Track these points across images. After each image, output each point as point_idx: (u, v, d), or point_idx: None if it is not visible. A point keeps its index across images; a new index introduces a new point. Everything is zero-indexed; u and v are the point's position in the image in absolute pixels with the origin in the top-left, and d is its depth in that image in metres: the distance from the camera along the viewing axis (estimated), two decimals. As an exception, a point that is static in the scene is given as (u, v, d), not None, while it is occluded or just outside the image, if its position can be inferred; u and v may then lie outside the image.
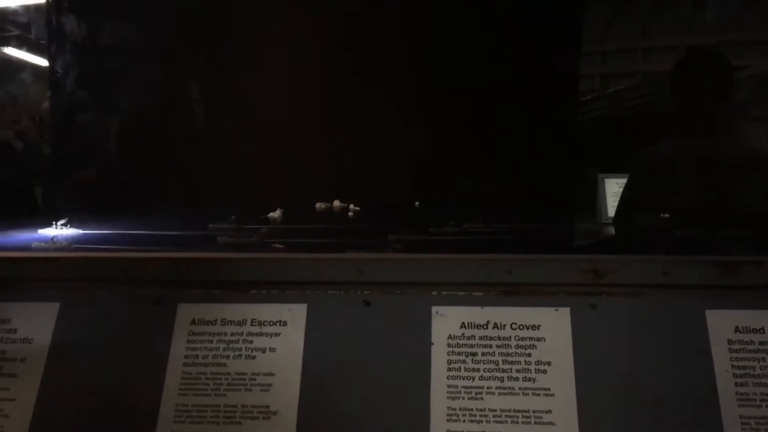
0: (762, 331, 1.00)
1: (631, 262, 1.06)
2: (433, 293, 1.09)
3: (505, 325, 1.06)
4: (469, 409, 1.01)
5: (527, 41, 2.41)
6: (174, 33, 2.59)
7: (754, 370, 0.98)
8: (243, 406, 1.05)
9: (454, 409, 1.02)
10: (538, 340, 1.04)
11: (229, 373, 1.08)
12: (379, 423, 1.02)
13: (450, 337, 1.06)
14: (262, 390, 1.06)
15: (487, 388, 1.02)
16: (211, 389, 1.07)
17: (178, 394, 1.07)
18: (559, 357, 1.03)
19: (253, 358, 1.08)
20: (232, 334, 1.10)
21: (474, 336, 1.06)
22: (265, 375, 1.07)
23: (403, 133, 2.45)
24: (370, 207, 2.33)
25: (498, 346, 1.04)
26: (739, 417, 0.96)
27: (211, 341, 1.10)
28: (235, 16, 2.54)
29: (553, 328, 1.05)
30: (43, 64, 2.94)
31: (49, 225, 1.82)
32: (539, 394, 1.01)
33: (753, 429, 0.95)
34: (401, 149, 2.47)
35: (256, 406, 1.05)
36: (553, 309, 1.05)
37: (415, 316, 1.07)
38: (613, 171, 2.68)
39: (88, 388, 1.09)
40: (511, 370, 1.03)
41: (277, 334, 1.09)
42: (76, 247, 1.56)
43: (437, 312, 1.07)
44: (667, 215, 1.99)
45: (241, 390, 1.07)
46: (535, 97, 2.43)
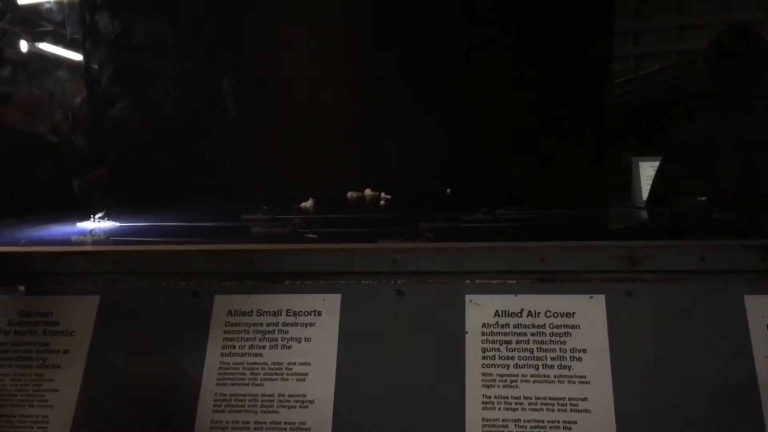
0: (803, 316, 0.98)
1: (667, 248, 1.05)
2: (467, 282, 1.09)
3: (539, 313, 1.05)
4: (504, 397, 1.01)
5: (558, 23, 2.38)
6: (205, 27, 2.61)
7: (795, 356, 0.97)
8: (280, 395, 1.07)
9: (489, 396, 1.02)
10: (573, 327, 1.04)
11: (266, 363, 1.09)
12: (414, 411, 1.03)
13: (484, 325, 1.06)
14: (298, 379, 1.07)
15: (522, 375, 1.02)
16: (249, 379, 1.09)
17: (217, 384, 1.09)
18: (594, 344, 1.02)
19: (289, 347, 1.10)
20: (268, 325, 1.12)
21: (508, 324, 1.05)
22: (301, 364, 1.08)
23: (434, 120, 2.45)
24: (402, 195, 2.33)
25: (532, 334, 1.04)
26: (780, 403, 0.95)
27: (248, 332, 1.12)
28: (265, 7, 2.54)
29: (588, 315, 1.04)
30: (77, 59, 2.99)
31: (86, 218, 1.85)
32: (575, 382, 1.01)
33: (794, 416, 0.94)
34: (432, 136, 2.46)
35: (292, 395, 1.07)
36: (587, 296, 1.05)
37: (448, 304, 1.08)
38: (648, 154, 2.65)
39: (128, 379, 1.12)
40: (546, 357, 1.03)
41: (312, 324, 1.11)
42: (113, 240, 1.59)
43: (471, 300, 1.08)
44: (703, 198, 1.95)
45: (277, 379, 1.08)
46: (567, 80, 2.40)
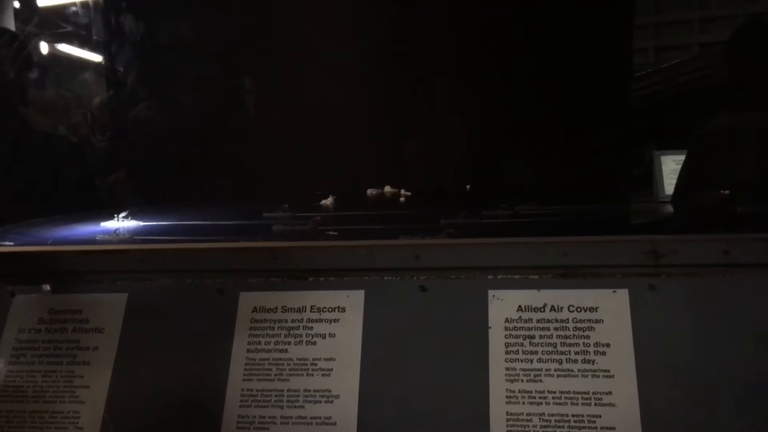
0: (829, 309, 0.98)
1: (691, 241, 1.04)
2: (489, 277, 1.09)
3: (562, 308, 1.06)
4: (528, 392, 1.02)
5: (578, 15, 2.37)
6: (225, 26, 2.63)
7: (822, 350, 0.96)
8: (305, 390, 1.08)
9: (513, 391, 1.02)
10: (597, 322, 1.04)
11: (291, 359, 1.11)
12: (438, 406, 1.03)
13: (507, 320, 1.06)
14: (323, 374, 1.09)
15: (546, 370, 1.03)
16: (275, 374, 1.10)
17: (243, 380, 1.11)
18: (618, 339, 1.02)
19: (314, 343, 1.11)
20: (293, 321, 1.13)
21: (531, 319, 1.06)
22: (326, 360, 1.10)
23: (453, 116, 2.45)
24: (422, 192, 2.34)
25: (555, 329, 1.05)
26: (807, 397, 0.94)
27: (273, 328, 1.13)
28: (285, 6, 2.56)
29: (611, 309, 1.04)
30: (95, 59, 3.02)
31: (110, 218, 1.88)
32: (599, 376, 1.01)
33: (821, 409, 0.93)
34: (452, 133, 2.46)
35: (318, 390, 1.08)
36: (611, 291, 1.05)
37: (471, 300, 1.08)
38: (670, 148, 2.63)
39: (157, 375, 1.14)
40: (569, 352, 1.03)
41: (336, 320, 1.12)
42: (138, 239, 1.61)
43: (494, 296, 1.08)
44: (727, 192, 1.93)
45: (303, 375, 1.09)
46: (587, 73, 2.38)
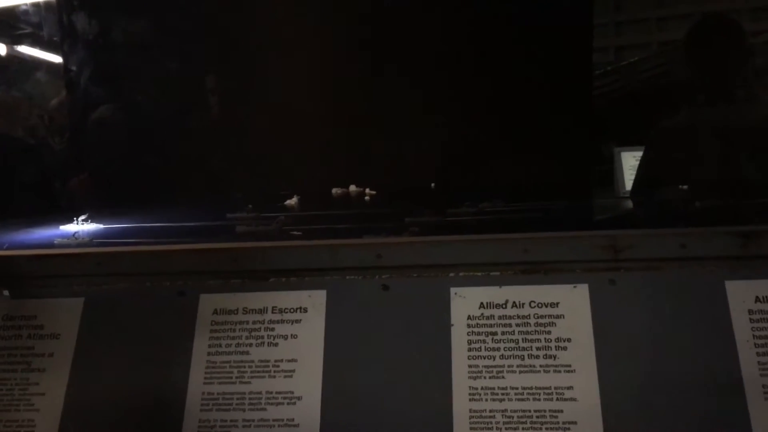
0: (783, 300, 1.00)
1: (649, 236, 1.06)
2: (451, 275, 1.10)
3: (523, 304, 1.06)
4: (490, 388, 1.02)
5: (539, 15, 2.38)
6: (186, 23, 2.59)
7: (776, 340, 0.98)
8: (267, 392, 1.07)
9: (476, 388, 1.02)
10: (558, 317, 1.04)
11: (253, 361, 1.09)
12: (401, 405, 1.03)
13: (469, 317, 1.06)
14: (285, 376, 1.08)
15: (508, 366, 1.03)
16: (236, 377, 1.09)
17: (204, 383, 1.09)
18: (579, 333, 1.03)
19: (276, 345, 1.10)
20: (254, 323, 1.12)
21: (493, 315, 1.06)
22: (288, 361, 1.08)
23: (417, 115, 2.45)
24: (386, 191, 2.33)
25: (517, 325, 1.05)
26: (762, 387, 0.96)
27: (234, 330, 1.12)
28: (247, 4, 2.53)
29: (572, 305, 1.05)
30: (55, 61, 2.96)
31: (69, 221, 1.84)
32: (560, 371, 1.01)
33: (776, 398, 0.95)
34: (415, 132, 2.46)
35: (280, 392, 1.07)
36: (571, 286, 1.06)
37: (433, 298, 1.08)
38: (631, 144, 2.66)
39: (115, 381, 1.11)
40: (531, 348, 1.03)
41: (298, 321, 1.11)
42: (97, 242, 1.58)
43: (456, 293, 1.08)
44: (685, 187, 1.97)
45: (265, 377, 1.08)
46: (549, 72, 2.40)
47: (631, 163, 2.61)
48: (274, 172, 2.52)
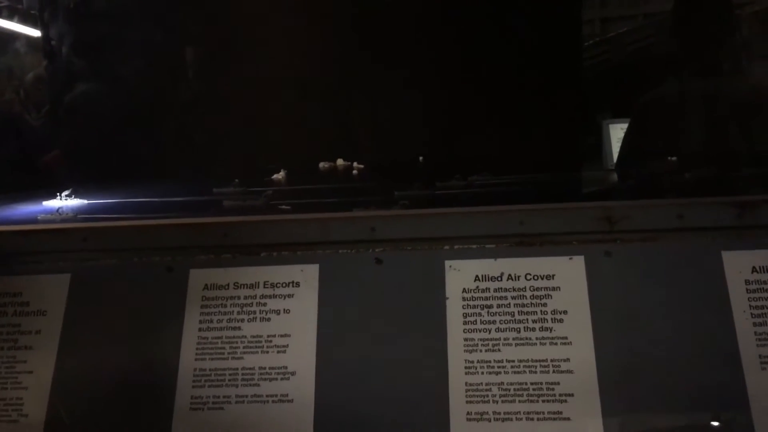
0: (779, 270, 0.99)
1: (645, 207, 1.05)
2: (446, 248, 1.08)
3: (519, 276, 1.05)
4: (486, 361, 1.01)
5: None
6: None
7: (772, 310, 0.98)
8: (261, 367, 1.06)
9: (472, 361, 1.02)
10: (554, 289, 1.04)
11: (245, 336, 1.08)
12: (397, 379, 1.02)
13: (464, 290, 1.05)
14: (278, 351, 1.06)
15: (504, 339, 1.02)
16: (228, 353, 1.07)
17: (196, 359, 1.07)
18: (575, 305, 1.02)
19: (268, 320, 1.08)
20: (246, 298, 1.10)
21: (488, 288, 1.05)
22: (281, 336, 1.07)
23: (403, 88, 2.42)
24: (374, 165, 2.31)
25: (513, 298, 1.04)
26: (759, 356, 0.96)
27: (225, 305, 1.10)
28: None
29: (567, 277, 1.04)
30: (31, 34, 2.89)
31: (52, 197, 1.81)
32: (556, 343, 1.01)
33: (773, 368, 0.95)
34: (402, 105, 2.43)
35: (273, 368, 1.05)
36: (567, 258, 1.05)
37: (428, 271, 1.07)
38: (619, 116, 2.65)
39: (104, 358, 1.09)
40: (527, 320, 1.03)
41: (290, 296, 1.09)
42: (82, 218, 1.55)
43: (450, 266, 1.07)
44: (674, 158, 1.97)
45: (257, 352, 1.07)
46: (537, 44, 2.38)
47: (618, 135, 2.60)
48: (261, 147, 2.48)
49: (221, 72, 2.59)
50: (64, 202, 1.76)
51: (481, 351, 1.02)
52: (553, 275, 1.04)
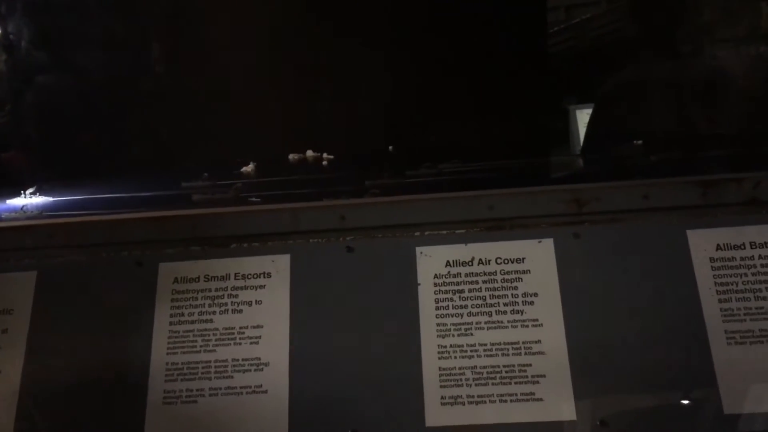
0: (743, 246, 1.01)
1: (611, 188, 1.06)
2: (416, 234, 1.09)
3: (489, 261, 1.06)
4: (459, 345, 1.02)
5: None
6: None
7: (737, 286, 1.00)
8: (234, 359, 1.05)
9: (445, 346, 1.02)
10: (524, 272, 1.05)
11: (217, 329, 1.07)
12: (371, 366, 1.02)
13: (436, 276, 1.06)
14: (251, 342, 1.06)
15: (476, 323, 1.03)
16: (200, 346, 1.07)
17: (167, 353, 1.06)
18: (545, 288, 1.03)
19: (240, 311, 1.08)
20: (217, 290, 1.09)
21: (460, 273, 1.06)
22: (254, 328, 1.07)
23: (371, 77, 2.41)
24: (345, 155, 2.30)
25: (484, 282, 1.05)
26: (724, 332, 0.98)
27: (196, 298, 1.09)
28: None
29: (537, 259, 1.05)
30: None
31: (16, 195, 1.77)
32: (528, 326, 1.02)
33: (738, 342, 0.97)
34: (370, 94, 2.43)
35: (246, 359, 1.05)
36: (536, 241, 1.06)
37: (399, 258, 1.07)
38: (586, 102, 2.67)
39: (74, 356, 1.08)
40: (498, 304, 1.04)
41: (262, 287, 1.09)
42: (47, 215, 1.52)
43: (421, 252, 1.07)
44: (639, 141, 1.99)
45: (230, 344, 1.06)
46: (504, 31, 2.39)
47: (586, 120, 2.63)
48: (229, 139, 2.46)
49: (187, 64, 2.56)
50: (29, 200, 1.72)
51: (453, 336, 1.03)
52: (523, 258, 1.05)
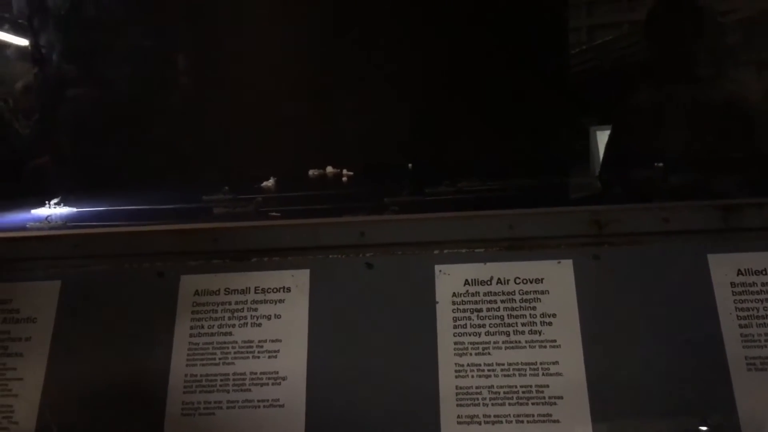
0: (764, 272, 1.01)
1: (632, 211, 1.06)
2: (435, 252, 1.09)
3: (508, 280, 1.06)
4: (477, 365, 1.02)
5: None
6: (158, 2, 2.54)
7: (758, 312, 0.99)
8: (252, 373, 1.06)
9: (462, 365, 1.02)
10: (542, 293, 1.05)
11: (236, 342, 1.08)
12: (388, 383, 1.03)
13: (454, 294, 1.06)
14: (270, 356, 1.06)
15: (494, 342, 1.03)
16: (219, 358, 1.07)
17: (187, 365, 1.07)
18: (563, 309, 1.03)
19: (259, 325, 1.08)
20: (237, 303, 1.10)
21: (478, 292, 1.06)
22: (272, 342, 1.07)
23: (392, 94, 2.43)
24: (364, 171, 2.32)
25: (503, 301, 1.05)
26: (744, 358, 0.97)
27: (216, 311, 1.10)
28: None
29: (556, 280, 1.05)
30: (19, 43, 2.88)
31: (41, 205, 1.80)
32: (546, 346, 1.02)
33: (758, 369, 0.96)
34: (391, 111, 2.44)
35: (265, 373, 1.06)
36: (555, 261, 1.06)
37: (418, 275, 1.08)
38: (606, 123, 2.67)
39: (95, 365, 1.09)
40: (516, 324, 1.04)
41: (281, 301, 1.09)
42: (71, 225, 1.55)
43: (440, 270, 1.08)
44: (660, 164, 1.98)
45: (249, 357, 1.07)
46: (526, 51, 2.40)
47: (605, 141, 2.62)
48: (251, 154, 2.48)
49: (212, 78, 2.59)
50: (53, 211, 1.76)
51: (471, 354, 1.03)
52: (542, 279, 1.05)
